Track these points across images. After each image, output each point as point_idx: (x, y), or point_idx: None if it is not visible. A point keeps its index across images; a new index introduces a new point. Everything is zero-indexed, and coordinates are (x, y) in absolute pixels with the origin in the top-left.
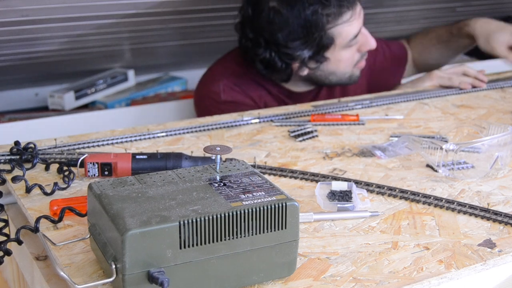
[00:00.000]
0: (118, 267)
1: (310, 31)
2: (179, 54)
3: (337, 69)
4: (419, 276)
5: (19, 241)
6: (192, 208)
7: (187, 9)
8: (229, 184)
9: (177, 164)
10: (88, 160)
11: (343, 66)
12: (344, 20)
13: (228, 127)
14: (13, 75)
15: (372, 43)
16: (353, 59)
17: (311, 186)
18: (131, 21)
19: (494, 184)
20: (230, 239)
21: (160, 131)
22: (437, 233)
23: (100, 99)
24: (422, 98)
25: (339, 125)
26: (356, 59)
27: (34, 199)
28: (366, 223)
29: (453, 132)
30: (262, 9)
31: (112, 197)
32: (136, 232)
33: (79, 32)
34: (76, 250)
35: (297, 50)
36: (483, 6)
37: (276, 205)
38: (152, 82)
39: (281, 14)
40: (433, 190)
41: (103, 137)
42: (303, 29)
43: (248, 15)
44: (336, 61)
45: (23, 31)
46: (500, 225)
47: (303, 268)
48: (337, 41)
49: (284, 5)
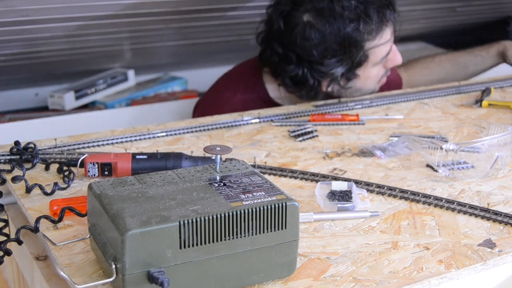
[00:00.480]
0: (118, 267)
1: (348, 49)
2: (179, 54)
3: (364, 86)
4: (419, 276)
5: (19, 241)
6: (192, 208)
7: (187, 9)
8: (229, 184)
9: (177, 164)
10: (88, 160)
11: (370, 82)
12: (382, 38)
13: (228, 127)
14: (13, 75)
15: (399, 59)
16: (378, 75)
17: (311, 186)
18: (131, 21)
19: (494, 184)
20: (230, 239)
21: (160, 131)
22: (437, 233)
23: (100, 99)
24: (422, 98)
25: (339, 125)
26: (381, 75)
27: (34, 199)
28: (366, 223)
29: (453, 132)
30: (296, 24)
31: (112, 197)
32: (136, 232)
33: (79, 32)
34: (76, 250)
35: (331, 67)
36: (483, 6)
37: (276, 205)
38: (152, 82)
39: (317, 29)
40: (433, 190)
41: (103, 137)
42: (341, 46)
43: (279, 28)
44: (365, 78)
45: (23, 31)
46: (500, 225)
47: (303, 268)
48: (370, 59)
49: (322, 21)
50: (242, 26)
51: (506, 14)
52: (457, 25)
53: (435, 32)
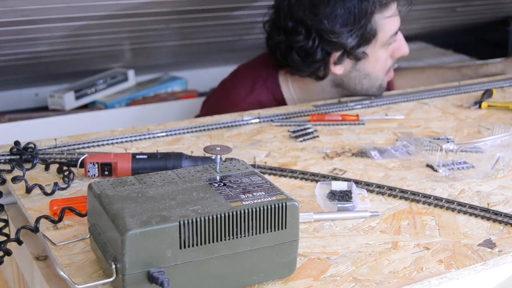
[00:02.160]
0: (118, 267)
1: (357, 18)
2: (179, 54)
3: (373, 71)
4: (419, 276)
5: (19, 241)
6: (192, 208)
7: (187, 9)
8: (229, 184)
9: (177, 164)
10: (88, 160)
11: (378, 67)
12: (388, 12)
13: (228, 127)
14: (13, 75)
15: (405, 49)
16: (386, 63)
17: (311, 186)
18: (131, 21)
19: (494, 184)
20: (230, 239)
21: (160, 131)
22: (437, 233)
23: (100, 99)
24: (422, 98)
25: (339, 125)
26: (388, 65)
27: (34, 199)
28: (366, 223)
29: (459, 133)
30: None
31: (112, 197)
32: (136, 232)
33: (79, 32)
34: (76, 250)
35: (342, 37)
36: (483, 6)
37: (276, 205)
38: (152, 82)
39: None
40: (433, 190)
41: (103, 137)
42: (350, 15)
43: (289, 3)
44: (374, 60)
45: (23, 31)
46: (500, 225)
47: (303, 268)
48: (379, 36)
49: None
50: (242, 26)
51: (506, 14)
52: (457, 25)
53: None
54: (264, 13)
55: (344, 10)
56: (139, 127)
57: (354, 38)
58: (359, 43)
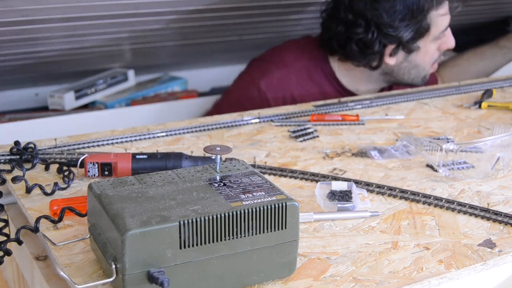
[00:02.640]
0: (118, 267)
1: (414, 14)
2: (179, 54)
3: (422, 62)
4: (419, 276)
5: (19, 241)
6: (192, 208)
7: (187, 9)
8: (229, 184)
9: (177, 164)
10: (88, 160)
11: (427, 59)
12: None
13: (228, 127)
14: (13, 75)
15: (452, 42)
16: (434, 56)
17: (311, 186)
18: (131, 21)
19: (494, 184)
20: (230, 239)
21: (160, 131)
22: (437, 233)
23: (100, 99)
24: (422, 98)
25: (339, 125)
26: (435, 57)
27: (34, 199)
28: (366, 223)
29: (459, 133)
30: None
31: (112, 197)
32: (136, 232)
33: (79, 32)
34: (76, 250)
35: (399, 31)
36: (483, 6)
37: (276, 205)
38: (152, 82)
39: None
40: (433, 190)
41: (103, 137)
42: (408, 11)
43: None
44: (424, 52)
45: (23, 31)
46: (500, 225)
47: (303, 268)
48: (432, 30)
49: None
50: (242, 26)
51: (506, 14)
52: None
53: None
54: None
55: (403, 6)
56: (139, 127)
57: (410, 32)
58: (414, 37)
